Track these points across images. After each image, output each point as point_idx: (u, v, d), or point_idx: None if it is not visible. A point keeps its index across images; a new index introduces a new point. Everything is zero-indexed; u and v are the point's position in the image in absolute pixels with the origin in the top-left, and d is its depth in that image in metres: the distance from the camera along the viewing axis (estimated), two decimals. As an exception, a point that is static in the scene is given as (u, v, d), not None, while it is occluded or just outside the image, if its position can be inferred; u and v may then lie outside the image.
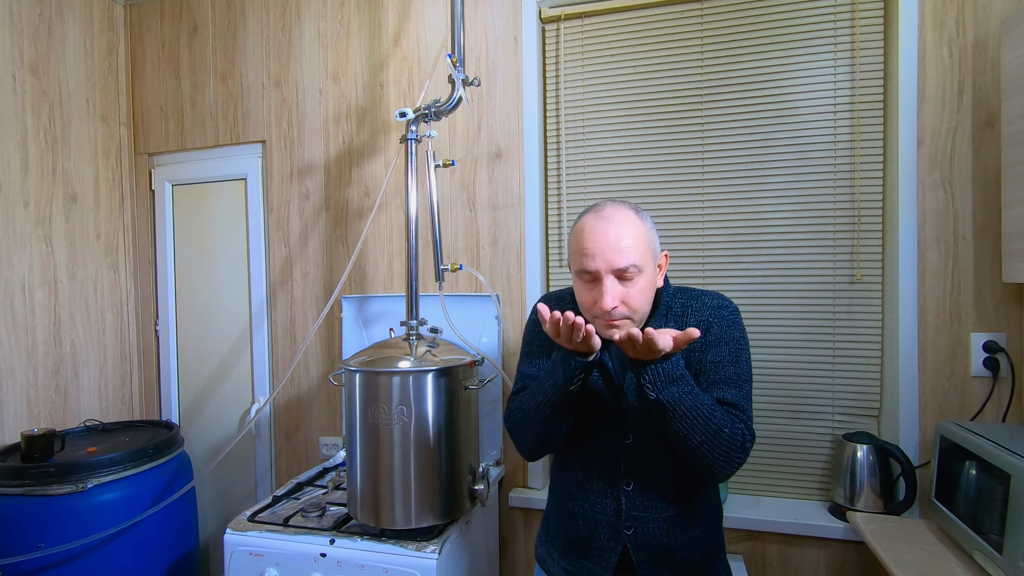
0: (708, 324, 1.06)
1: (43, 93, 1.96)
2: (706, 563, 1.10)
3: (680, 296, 1.12)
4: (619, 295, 0.98)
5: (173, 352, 2.25)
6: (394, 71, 1.92)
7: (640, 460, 1.07)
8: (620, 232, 0.99)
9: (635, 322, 1.02)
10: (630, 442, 1.08)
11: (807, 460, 1.64)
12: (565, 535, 1.16)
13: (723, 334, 1.06)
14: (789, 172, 1.63)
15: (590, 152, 1.79)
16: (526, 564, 1.81)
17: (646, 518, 1.07)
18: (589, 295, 1.02)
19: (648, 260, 1.02)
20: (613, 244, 0.98)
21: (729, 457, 0.97)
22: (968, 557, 1.19)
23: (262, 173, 2.10)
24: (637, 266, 0.99)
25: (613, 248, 0.98)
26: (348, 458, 1.40)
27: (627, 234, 0.99)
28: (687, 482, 1.08)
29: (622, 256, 0.98)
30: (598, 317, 1.01)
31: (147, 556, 1.67)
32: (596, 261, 0.99)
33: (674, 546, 1.06)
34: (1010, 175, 1.32)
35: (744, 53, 1.65)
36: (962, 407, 1.46)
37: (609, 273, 0.98)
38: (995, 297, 1.43)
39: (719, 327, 1.06)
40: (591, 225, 1.02)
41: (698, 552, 1.09)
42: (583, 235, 1.02)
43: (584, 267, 1.01)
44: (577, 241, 1.03)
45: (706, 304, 1.09)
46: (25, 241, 1.89)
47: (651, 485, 1.07)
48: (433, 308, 1.73)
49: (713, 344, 1.05)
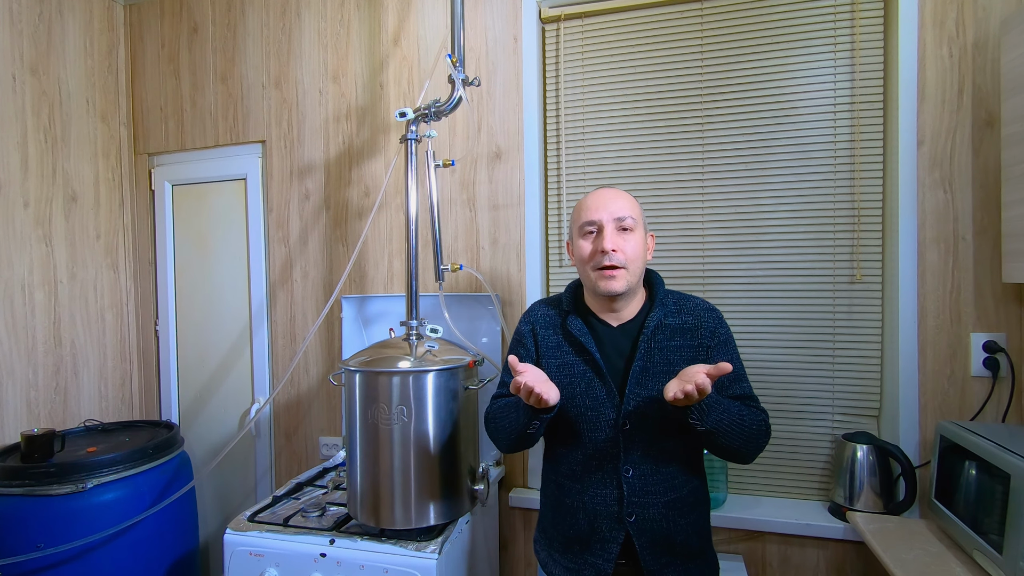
0: (711, 328, 1.16)
1: (43, 93, 1.96)
2: (701, 547, 1.16)
3: (671, 295, 1.23)
4: (618, 241, 1.12)
5: (173, 352, 2.25)
6: (394, 71, 1.92)
7: (638, 445, 1.12)
8: (617, 194, 1.17)
9: (628, 276, 1.12)
10: (627, 428, 1.12)
11: (807, 460, 1.64)
12: (565, 532, 1.17)
13: (726, 335, 1.17)
14: (789, 172, 1.62)
15: (590, 152, 1.79)
16: (526, 564, 1.81)
17: (646, 503, 1.11)
18: (590, 246, 1.15)
19: (640, 224, 1.16)
20: (612, 199, 1.15)
21: (759, 445, 1.09)
22: (968, 557, 1.19)
23: (262, 173, 2.10)
24: (633, 218, 1.14)
25: (613, 203, 1.15)
26: (348, 458, 1.40)
27: (623, 197, 1.17)
28: (682, 466, 1.14)
29: (621, 209, 1.14)
30: (598, 266, 1.12)
31: (147, 556, 1.67)
32: (599, 212, 1.14)
33: (673, 530, 1.11)
34: (1010, 175, 1.32)
35: (744, 53, 1.65)
36: (962, 407, 1.46)
37: (610, 221, 1.13)
38: (995, 297, 1.43)
39: (722, 330, 1.17)
40: (593, 193, 1.19)
41: (695, 536, 1.14)
42: (586, 200, 1.19)
43: (588, 219, 1.15)
44: (580, 207, 1.19)
45: (699, 305, 1.20)
46: (25, 241, 1.89)
47: (649, 470, 1.12)
48: (433, 308, 1.73)
49: (721, 345, 1.15)
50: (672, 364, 1.12)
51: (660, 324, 1.16)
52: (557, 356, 1.19)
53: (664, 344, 1.14)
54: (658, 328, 1.15)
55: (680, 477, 1.13)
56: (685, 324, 1.16)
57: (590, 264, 1.14)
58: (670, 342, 1.14)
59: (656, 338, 1.14)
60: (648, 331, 1.14)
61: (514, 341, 1.29)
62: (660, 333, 1.15)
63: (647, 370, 1.12)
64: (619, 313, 1.18)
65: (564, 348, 1.19)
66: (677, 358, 1.13)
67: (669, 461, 1.12)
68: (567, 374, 1.17)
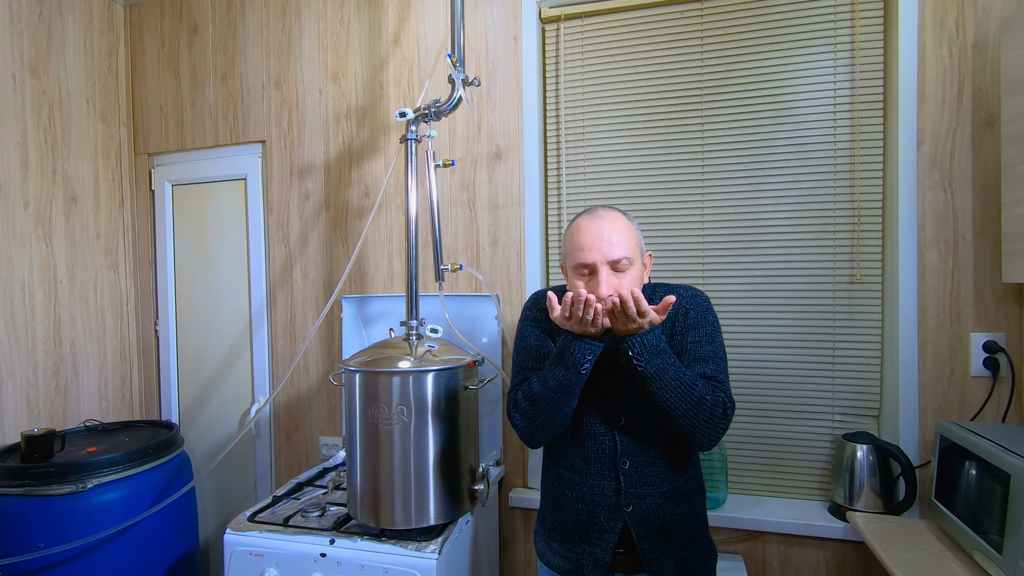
0: (685, 310, 1.17)
1: (43, 93, 1.96)
2: (697, 535, 1.18)
3: (658, 289, 1.23)
4: (614, 284, 1.07)
5: (173, 352, 2.25)
6: (394, 71, 1.92)
7: (633, 439, 1.15)
8: (612, 228, 1.10)
9: None
10: (623, 423, 1.15)
11: (807, 460, 1.64)
12: (564, 523, 1.19)
13: (699, 318, 1.16)
14: (789, 172, 1.62)
15: (590, 152, 1.79)
16: (526, 564, 1.81)
17: (643, 494, 1.13)
18: (584, 288, 1.09)
19: (637, 256, 1.12)
20: (607, 239, 1.09)
21: (713, 423, 1.06)
22: (968, 557, 1.19)
23: (262, 173, 2.10)
24: (629, 258, 1.09)
25: (607, 242, 1.08)
26: (348, 458, 1.40)
27: (618, 230, 1.10)
28: (676, 458, 1.16)
29: (615, 249, 1.08)
30: None
31: (147, 556, 1.67)
32: (592, 254, 1.08)
33: (670, 519, 1.13)
34: (1010, 175, 1.32)
35: (744, 53, 1.65)
36: (962, 407, 1.46)
37: (604, 264, 1.08)
38: (995, 297, 1.43)
39: (695, 312, 1.17)
40: (586, 224, 1.12)
41: (691, 524, 1.17)
42: (579, 233, 1.12)
43: (581, 260, 1.10)
44: (573, 239, 1.13)
45: (681, 294, 1.20)
46: (25, 241, 1.89)
47: (645, 462, 1.14)
48: (433, 308, 1.73)
49: (691, 327, 1.16)
50: None
51: None
52: None
53: None
54: None
55: (675, 467, 1.16)
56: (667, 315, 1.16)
57: None
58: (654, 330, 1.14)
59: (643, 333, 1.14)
60: None
61: (527, 318, 1.27)
62: None
63: None
64: None
65: None
66: None
67: (665, 452, 1.15)
68: None
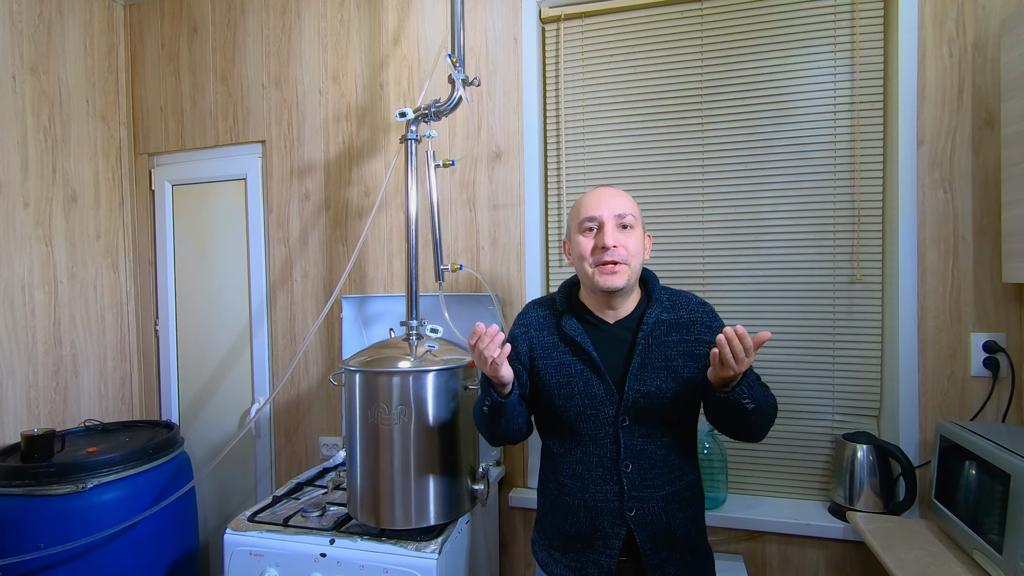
0: (707, 323, 1.19)
1: (43, 93, 1.96)
2: (699, 540, 1.19)
3: (665, 291, 1.25)
4: (620, 240, 1.13)
5: (173, 352, 2.25)
6: (394, 71, 1.92)
7: (636, 441, 1.14)
8: (617, 193, 1.18)
9: (629, 273, 1.13)
10: (626, 424, 1.14)
11: (807, 460, 1.64)
12: (566, 531, 1.17)
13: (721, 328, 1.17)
14: (789, 172, 1.62)
15: (590, 152, 1.79)
16: (526, 564, 1.81)
17: (646, 497, 1.13)
18: (590, 242, 1.15)
19: (639, 222, 1.17)
20: (613, 196, 1.17)
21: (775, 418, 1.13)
22: (968, 557, 1.19)
23: (262, 173, 2.10)
24: (633, 216, 1.15)
25: (613, 200, 1.16)
26: (348, 458, 1.40)
27: (623, 196, 1.18)
28: (678, 459, 1.17)
29: (621, 206, 1.15)
30: (599, 262, 1.13)
31: (147, 556, 1.67)
32: (599, 209, 1.14)
33: (673, 523, 1.13)
34: (1010, 175, 1.32)
35: (744, 53, 1.65)
36: (962, 407, 1.46)
37: (611, 218, 1.13)
38: (995, 297, 1.43)
39: (717, 323, 1.19)
40: (592, 191, 1.20)
41: (693, 529, 1.17)
42: (586, 198, 1.19)
43: (588, 214, 1.15)
44: (580, 204, 1.20)
45: (692, 300, 1.22)
46: (25, 241, 1.89)
47: (648, 464, 1.14)
48: (433, 308, 1.73)
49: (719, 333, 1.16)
50: (670, 359, 1.14)
51: (658, 320, 1.17)
52: (553, 356, 1.20)
53: (661, 340, 1.15)
54: (656, 324, 1.16)
55: (677, 471, 1.16)
56: (680, 319, 1.18)
57: (590, 260, 1.14)
58: (667, 337, 1.16)
59: (654, 334, 1.16)
60: (647, 327, 1.15)
61: (510, 332, 1.30)
62: (658, 329, 1.16)
63: (645, 366, 1.14)
64: (616, 311, 1.19)
65: (560, 348, 1.20)
66: (675, 353, 1.15)
67: (667, 455, 1.14)
68: (564, 374, 1.17)
